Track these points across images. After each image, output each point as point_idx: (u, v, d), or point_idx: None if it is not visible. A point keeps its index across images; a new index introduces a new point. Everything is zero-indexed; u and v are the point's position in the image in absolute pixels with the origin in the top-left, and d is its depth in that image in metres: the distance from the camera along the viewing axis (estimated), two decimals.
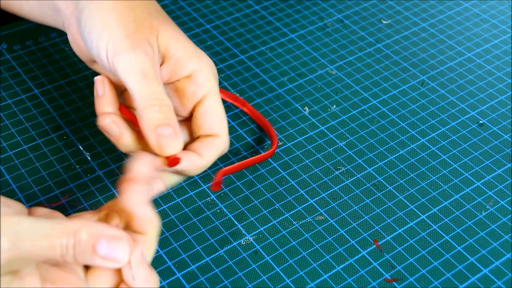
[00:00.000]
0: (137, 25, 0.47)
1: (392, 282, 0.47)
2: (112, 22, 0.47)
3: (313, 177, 0.54)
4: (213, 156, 0.48)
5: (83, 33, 0.48)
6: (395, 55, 0.65)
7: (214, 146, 0.48)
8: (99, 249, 0.37)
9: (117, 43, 0.46)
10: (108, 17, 0.47)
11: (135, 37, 0.46)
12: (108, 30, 0.46)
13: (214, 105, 0.49)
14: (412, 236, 0.50)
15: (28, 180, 0.53)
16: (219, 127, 0.49)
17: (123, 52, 0.46)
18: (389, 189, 0.53)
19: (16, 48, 0.64)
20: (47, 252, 0.36)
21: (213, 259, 0.48)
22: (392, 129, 0.58)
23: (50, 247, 0.36)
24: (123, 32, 0.46)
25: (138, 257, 0.38)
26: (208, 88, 0.49)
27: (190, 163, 0.47)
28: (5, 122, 0.57)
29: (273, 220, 0.51)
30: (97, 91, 0.48)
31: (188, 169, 0.47)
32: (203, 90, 0.49)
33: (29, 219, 0.37)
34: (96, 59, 0.48)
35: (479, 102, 0.61)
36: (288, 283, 0.47)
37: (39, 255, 0.36)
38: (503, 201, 0.53)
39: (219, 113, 0.49)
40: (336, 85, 0.62)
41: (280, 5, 0.70)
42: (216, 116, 0.49)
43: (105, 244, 0.37)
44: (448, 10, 0.71)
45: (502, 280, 0.48)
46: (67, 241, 0.36)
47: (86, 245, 0.36)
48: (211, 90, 0.49)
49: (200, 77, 0.48)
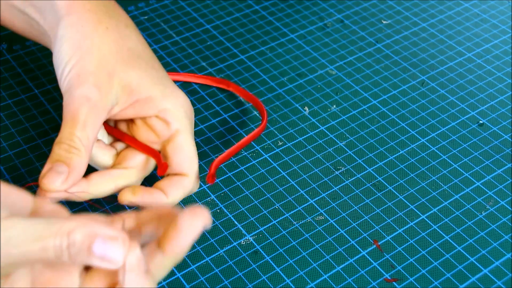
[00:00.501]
0: (95, 67, 0.48)
1: (392, 282, 0.47)
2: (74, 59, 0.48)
3: (313, 177, 0.54)
4: (179, 196, 0.48)
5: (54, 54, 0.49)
6: (395, 55, 0.65)
7: (182, 185, 0.48)
8: (95, 249, 0.36)
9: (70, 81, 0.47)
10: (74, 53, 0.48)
11: (86, 80, 0.47)
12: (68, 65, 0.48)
13: (182, 144, 0.49)
14: (412, 236, 0.50)
15: (28, 180, 0.53)
16: (188, 166, 0.49)
17: (70, 91, 0.47)
18: (389, 189, 0.53)
19: (16, 48, 0.64)
20: (40, 255, 0.35)
21: (213, 259, 0.48)
22: (392, 129, 0.58)
23: (43, 250, 0.35)
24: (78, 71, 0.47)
25: (133, 260, 0.37)
26: (177, 127, 0.49)
27: (153, 202, 0.47)
28: (5, 122, 0.57)
29: (273, 220, 0.51)
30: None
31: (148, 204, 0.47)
32: (172, 128, 0.49)
33: (23, 221, 0.36)
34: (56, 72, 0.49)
35: (479, 102, 0.61)
36: (288, 283, 0.47)
37: (33, 258, 0.36)
38: (503, 201, 0.53)
39: (188, 153, 0.49)
40: (336, 85, 0.62)
41: (280, 5, 0.70)
42: (185, 155, 0.49)
43: (101, 243, 0.36)
44: (448, 10, 0.71)
45: (502, 280, 0.48)
46: (60, 242, 0.35)
47: (81, 246, 0.36)
48: (181, 129, 0.49)
49: (169, 116, 0.49)
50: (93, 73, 0.48)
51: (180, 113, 0.50)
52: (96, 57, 0.48)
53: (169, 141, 0.49)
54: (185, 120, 0.50)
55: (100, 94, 0.47)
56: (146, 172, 0.50)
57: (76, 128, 0.46)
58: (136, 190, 0.47)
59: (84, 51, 0.48)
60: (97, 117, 0.47)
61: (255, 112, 0.59)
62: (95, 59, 0.48)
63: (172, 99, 0.50)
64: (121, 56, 0.49)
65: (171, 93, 0.50)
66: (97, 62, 0.48)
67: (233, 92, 0.60)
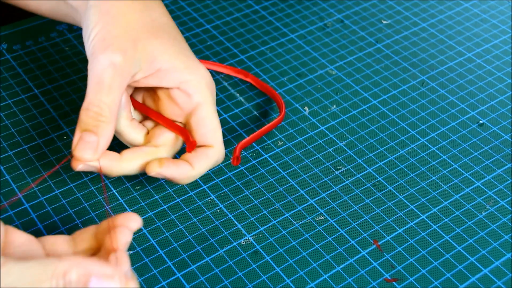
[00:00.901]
0: (120, 32, 0.48)
1: (392, 282, 0.47)
2: (100, 23, 0.48)
3: (313, 177, 0.54)
4: (205, 167, 0.50)
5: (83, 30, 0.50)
6: (395, 55, 0.65)
7: (207, 156, 0.50)
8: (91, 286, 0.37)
9: (96, 44, 0.48)
10: (100, 18, 0.48)
11: (111, 43, 0.48)
12: (94, 30, 0.48)
13: (206, 116, 0.50)
14: (412, 236, 0.50)
15: (28, 180, 0.53)
16: (212, 137, 0.50)
17: (95, 54, 0.47)
18: (389, 189, 0.53)
19: (16, 48, 0.64)
20: None
21: (213, 259, 0.48)
22: (392, 129, 0.58)
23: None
24: (103, 35, 0.48)
25: None
26: (199, 100, 0.50)
27: (180, 173, 0.48)
28: (5, 122, 0.57)
29: (273, 220, 0.51)
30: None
31: (178, 178, 0.49)
32: (194, 101, 0.50)
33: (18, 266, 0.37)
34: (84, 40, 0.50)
35: (479, 102, 0.61)
36: (288, 283, 0.47)
37: None
38: (503, 201, 0.53)
39: (211, 124, 0.50)
40: (336, 85, 0.62)
41: (280, 5, 0.70)
42: (209, 127, 0.50)
43: (96, 282, 0.37)
44: (448, 10, 0.71)
45: (502, 280, 0.48)
46: (57, 283, 0.36)
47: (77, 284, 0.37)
48: (203, 102, 0.50)
49: (190, 88, 0.50)
50: (118, 38, 0.48)
51: (201, 85, 0.50)
52: (122, 23, 0.49)
53: (192, 114, 0.50)
54: (207, 91, 0.50)
55: (124, 59, 0.48)
56: (175, 149, 0.51)
57: (101, 93, 0.47)
58: (162, 162, 0.48)
59: (110, 17, 0.49)
60: (122, 81, 0.48)
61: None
62: (120, 25, 0.49)
63: (194, 70, 0.50)
64: (146, 26, 0.50)
65: (193, 65, 0.51)
66: (122, 28, 0.48)
67: (251, 82, 0.61)
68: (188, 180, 0.49)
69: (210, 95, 0.51)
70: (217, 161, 0.51)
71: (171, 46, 0.50)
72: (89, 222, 0.50)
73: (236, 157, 0.51)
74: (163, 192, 0.52)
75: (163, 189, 0.52)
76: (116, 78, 0.47)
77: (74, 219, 0.50)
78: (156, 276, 0.47)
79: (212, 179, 0.53)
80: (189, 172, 0.49)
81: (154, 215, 0.51)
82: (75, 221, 0.50)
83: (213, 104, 0.51)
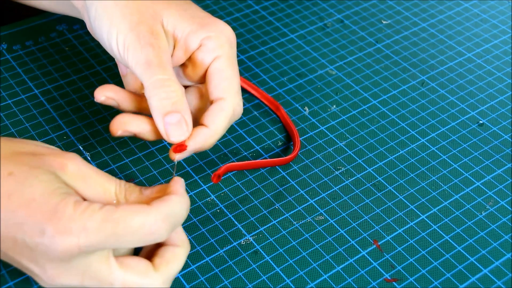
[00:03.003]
0: (140, 16, 0.47)
1: (392, 282, 0.47)
2: (117, 17, 0.47)
3: (313, 177, 0.54)
4: (222, 122, 0.48)
5: (95, 31, 0.49)
6: (395, 55, 0.65)
7: (221, 109, 0.48)
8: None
9: (124, 38, 0.47)
10: (113, 13, 0.47)
11: (139, 29, 0.47)
12: (115, 27, 0.47)
13: (220, 67, 0.49)
14: (412, 236, 0.50)
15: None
16: (226, 88, 0.48)
17: (130, 47, 0.46)
18: (389, 189, 0.53)
19: (16, 48, 0.64)
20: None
21: (213, 259, 0.48)
22: (392, 129, 0.58)
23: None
24: (128, 26, 0.47)
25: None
26: (216, 53, 0.49)
27: (197, 142, 0.47)
28: (5, 122, 0.57)
29: (273, 220, 0.51)
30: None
31: (198, 148, 0.47)
32: (212, 55, 0.49)
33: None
34: (111, 54, 0.49)
35: (479, 102, 0.61)
36: (288, 283, 0.47)
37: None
38: (503, 201, 0.53)
39: (225, 74, 0.48)
40: (336, 85, 0.62)
41: (280, 5, 0.70)
42: (221, 77, 0.48)
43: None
44: (448, 10, 0.71)
45: (502, 280, 0.48)
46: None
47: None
48: (220, 54, 0.49)
49: (209, 44, 0.49)
50: (140, 22, 0.47)
51: (221, 39, 0.49)
52: (135, 6, 0.48)
53: (209, 66, 0.49)
54: (226, 45, 0.49)
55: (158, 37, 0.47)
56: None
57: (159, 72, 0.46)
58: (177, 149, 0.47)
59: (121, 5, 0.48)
60: (167, 56, 0.47)
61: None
62: (135, 9, 0.48)
63: (211, 27, 0.49)
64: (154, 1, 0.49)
65: (210, 22, 0.50)
66: (138, 12, 0.48)
67: (278, 116, 0.59)
68: (209, 144, 0.47)
69: (229, 48, 0.49)
70: (234, 113, 0.48)
71: (184, 10, 0.49)
72: None
73: (217, 175, 0.49)
74: None
75: None
76: (161, 55, 0.46)
77: None
78: None
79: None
80: (206, 136, 0.47)
81: None
82: None
83: (231, 56, 0.49)
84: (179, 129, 0.46)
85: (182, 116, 0.46)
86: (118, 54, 0.47)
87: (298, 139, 0.56)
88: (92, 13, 0.49)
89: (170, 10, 0.49)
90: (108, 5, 0.48)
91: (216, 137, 0.48)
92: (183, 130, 0.46)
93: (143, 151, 0.55)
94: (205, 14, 0.50)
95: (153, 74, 0.46)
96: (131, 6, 0.48)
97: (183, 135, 0.46)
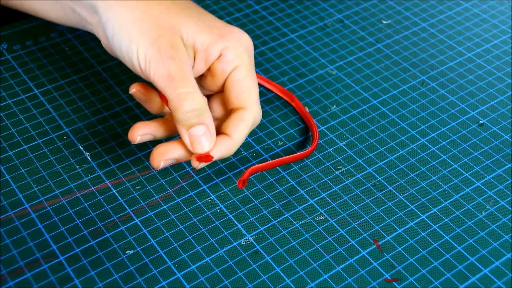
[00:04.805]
0: (159, 30, 0.48)
1: (392, 282, 0.47)
2: (136, 33, 0.48)
3: (313, 177, 0.54)
4: (243, 132, 0.50)
5: (113, 47, 0.49)
6: (395, 55, 0.65)
7: (243, 119, 0.49)
8: None
9: (145, 53, 0.47)
10: (131, 29, 0.48)
11: (159, 44, 0.47)
12: (135, 43, 0.48)
13: (240, 77, 0.50)
14: (412, 236, 0.50)
15: (28, 180, 0.53)
16: (246, 98, 0.50)
17: (152, 61, 0.47)
18: (389, 189, 0.53)
19: (16, 48, 0.64)
20: None
21: (213, 259, 0.48)
22: (392, 129, 0.58)
23: None
24: (148, 41, 0.47)
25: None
26: (236, 63, 0.50)
27: (220, 151, 0.49)
28: (5, 122, 0.57)
29: (273, 220, 0.51)
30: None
31: (221, 157, 0.49)
32: (231, 65, 0.50)
33: None
34: (131, 69, 0.49)
35: (479, 102, 0.61)
36: (288, 283, 0.47)
37: None
38: (503, 201, 0.53)
39: (245, 84, 0.50)
40: (336, 85, 0.62)
41: (280, 5, 0.70)
42: (241, 87, 0.50)
43: None
44: (448, 10, 0.71)
45: (502, 280, 0.48)
46: None
47: None
48: (239, 64, 0.50)
49: (228, 54, 0.50)
50: (160, 36, 0.48)
51: (239, 48, 0.50)
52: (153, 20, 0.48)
53: (228, 76, 0.50)
54: (244, 54, 0.50)
55: (178, 51, 0.48)
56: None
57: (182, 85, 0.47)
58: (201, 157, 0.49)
59: (139, 21, 0.48)
60: (189, 68, 0.48)
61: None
62: (153, 24, 0.48)
63: (230, 36, 0.50)
64: (174, 11, 0.49)
65: (228, 32, 0.50)
66: (156, 26, 0.48)
67: (294, 107, 0.59)
68: (230, 152, 0.49)
69: (247, 57, 0.50)
70: (254, 122, 0.50)
71: (202, 21, 0.50)
72: (89, 222, 0.50)
73: (242, 180, 0.49)
74: (163, 192, 0.52)
75: (163, 189, 0.52)
76: (183, 68, 0.47)
77: (74, 219, 0.50)
78: (156, 276, 0.47)
79: (212, 179, 0.53)
80: (228, 145, 0.49)
81: (154, 215, 0.51)
82: (75, 221, 0.50)
83: (249, 65, 0.50)
84: (204, 141, 0.47)
85: (207, 128, 0.47)
86: (139, 69, 0.48)
87: (316, 129, 0.56)
88: (109, 30, 0.49)
89: (188, 23, 0.49)
90: (126, 22, 0.48)
91: (238, 146, 0.50)
92: (208, 142, 0.48)
93: (143, 151, 0.55)
94: (222, 24, 0.51)
95: (177, 88, 0.47)
96: (149, 21, 0.48)
97: (208, 146, 0.48)
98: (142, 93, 0.50)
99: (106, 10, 0.49)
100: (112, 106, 0.59)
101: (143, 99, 0.50)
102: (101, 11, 0.49)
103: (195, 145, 0.47)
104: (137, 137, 0.49)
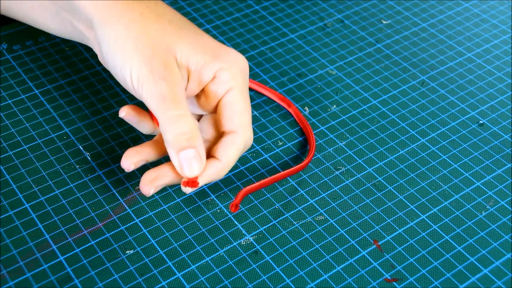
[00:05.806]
0: (153, 50, 0.48)
1: (392, 282, 0.47)
2: (130, 51, 0.47)
3: (313, 177, 0.54)
4: (233, 156, 0.49)
5: (107, 63, 0.49)
6: (395, 55, 0.65)
7: (233, 143, 0.49)
8: None
9: (138, 72, 0.47)
10: (126, 47, 0.47)
11: (153, 64, 0.47)
12: (128, 61, 0.47)
13: (233, 100, 0.49)
14: (412, 236, 0.50)
15: (28, 180, 0.53)
16: (238, 121, 0.49)
17: (144, 81, 0.47)
18: (389, 189, 0.53)
19: (16, 48, 0.64)
20: None
21: (213, 259, 0.48)
22: (392, 129, 0.58)
23: None
24: (142, 60, 0.47)
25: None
26: (229, 85, 0.49)
27: (209, 175, 0.48)
28: (5, 122, 0.57)
29: (273, 220, 0.51)
30: None
31: (210, 181, 0.48)
32: (225, 87, 0.49)
33: None
34: (124, 87, 0.49)
35: (479, 102, 0.61)
36: (288, 283, 0.47)
37: None
38: (503, 201, 0.53)
39: (237, 107, 0.49)
40: (336, 85, 0.62)
41: (280, 5, 0.70)
42: (233, 110, 0.49)
43: None
44: (448, 10, 0.71)
45: (502, 280, 0.48)
46: None
47: None
48: (233, 86, 0.49)
49: (222, 76, 0.49)
50: (154, 56, 0.47)
51: (234, 70, 0.49)
52: (147, 40, 0.48)
53: (221, 98, 0.50)
54: (239, 76, 0.50)
55: (171, 72, 0.47)
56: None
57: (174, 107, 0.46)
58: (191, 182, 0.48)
59: (134, 39, 0.48)
60: (181, 90, 0.47)
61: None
62: (148, 43, 0.48)
63: (224, 57, 0.50)
64: (169, 32, 0.49)
65: (222, 53, 0.50)
66: (150, 46, 0.48)
67: (291, 113, 0.59)
68: (220, 176, 0.49)
69: (241, 80, 0.50)
70: (245, 146, 0.50)
71: (196, 42, 0.50)
72: (89, 222, 0.50)
73: (235, 204, 0.48)
74: (163, 192, 0.52)
75: (163, 189, 0.52)
76: (175, 89, 0.47)
77: (74, 219, 0.50)
78: (156, 276, 0.47)
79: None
80: (217, 169, 0.48)
81: (154, 215, 0.51)
82: (75, 221, 0.50)
83: (243, 88, 0.50)
84: (194, 164, 0.47)
85: (197, 152, 0.47)
86: (132, 88, 0.48)
87: (313, 138, 0.56)
88: (105, 47, 0.48)
89: (183, 44, 0.49)
90: (121, 39, 0.48)
91: (227, 170, 0.49)
92: (197, 165, 0.47)
93: None
94: (217, 44, 0.51)
95: (168, 109, 0.46)
96: (144, 40, 0.48)
97: (198, 169, 0.47)
98: (133, 115, 0.49)
99: (102, 26, 0.48)
100: (112, 106, 0.59)
101: (134, 121, 0.49)
102: (97, 26, 0.49)
103: (185, 168, 0.47)
104: (131, 165, 0.48)
